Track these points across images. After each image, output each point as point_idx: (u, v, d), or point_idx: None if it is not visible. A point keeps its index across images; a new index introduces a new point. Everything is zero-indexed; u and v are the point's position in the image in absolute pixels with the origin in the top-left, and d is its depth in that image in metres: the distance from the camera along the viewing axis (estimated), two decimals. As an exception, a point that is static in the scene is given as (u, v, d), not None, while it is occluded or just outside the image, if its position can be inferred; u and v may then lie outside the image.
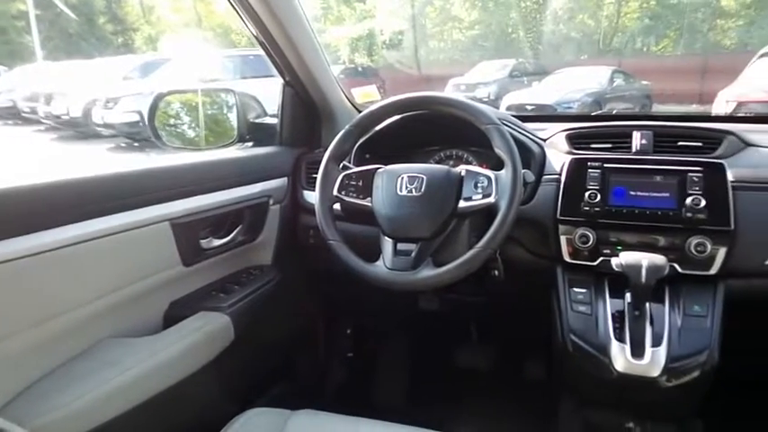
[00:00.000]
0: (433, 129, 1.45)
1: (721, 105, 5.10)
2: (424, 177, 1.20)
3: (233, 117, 1.63)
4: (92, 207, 1.01)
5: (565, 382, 1.37)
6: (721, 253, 1.15)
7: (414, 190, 1.20)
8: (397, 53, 13.48)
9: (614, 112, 6.76)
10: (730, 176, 1.19)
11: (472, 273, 1.15)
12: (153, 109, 1.55)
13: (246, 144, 1.64)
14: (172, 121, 1.71)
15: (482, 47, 15.16)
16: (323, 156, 1.31)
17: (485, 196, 1.15)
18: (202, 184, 1.28)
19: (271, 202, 1.51)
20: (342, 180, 1.28)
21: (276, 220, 1.55)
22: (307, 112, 1.66)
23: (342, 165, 1.33)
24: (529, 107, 8.27)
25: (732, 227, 1.15)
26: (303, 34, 1.45)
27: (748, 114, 4.26)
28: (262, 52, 1.52)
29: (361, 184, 1.27)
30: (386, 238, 1.22)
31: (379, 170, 1.27)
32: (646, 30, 14.37)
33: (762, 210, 1.17)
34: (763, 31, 11.56)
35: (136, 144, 7.78)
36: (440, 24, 16.34)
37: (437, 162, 1.54)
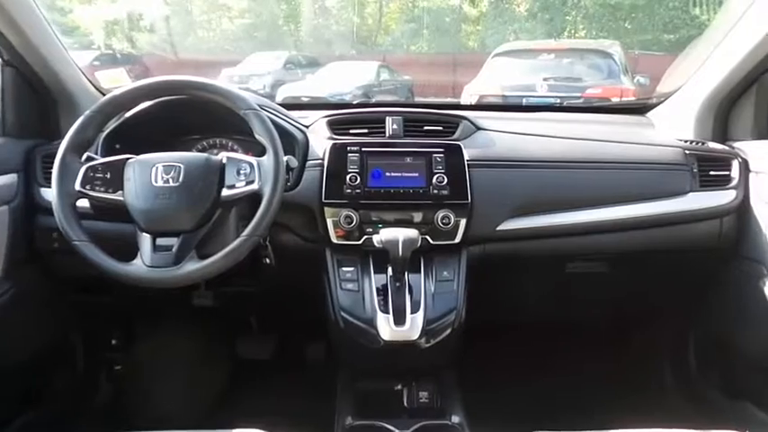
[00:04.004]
0: (194, 116, 1.38)
1: (467, 98, 5.85)
2: (182, 166, 1.14)
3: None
4: None
5: (340, 357, 1.44)
6: (462, 224, 1.31)
7: (171, 180, 1.13)
8: (160, 40, 12.45)
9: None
10: (466, 156, 1.36)
11: (243, 262, 1.13)
12: None
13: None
14: None
15: (254, 37, 14.92)
16: None
17: (248, 183, 1.13)
18: None
19: None
20: (85, 173, 1.14)
21: (5, 224, 1.31)
22: (38, 98, 1.44)
23: (86, 156, 1.19)
24: (304, 99, 8.39)
25: (469, 200, 1.31)
26: (20, 4, 1.25)
27: (479, 103, 5.01)
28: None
29: (109, 176, 1.15)
30: (143, 233, 1.13)
31: (131, 160, 1.17)
32: (405, 29, 15.74)
33: (491, 184, 1.36)
34: (498, 35, 13.52)
35: None
36: (207, 12, 15.63)
37: (200, 151, 1.47)
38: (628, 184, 1.41)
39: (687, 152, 1.44)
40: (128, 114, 1.30)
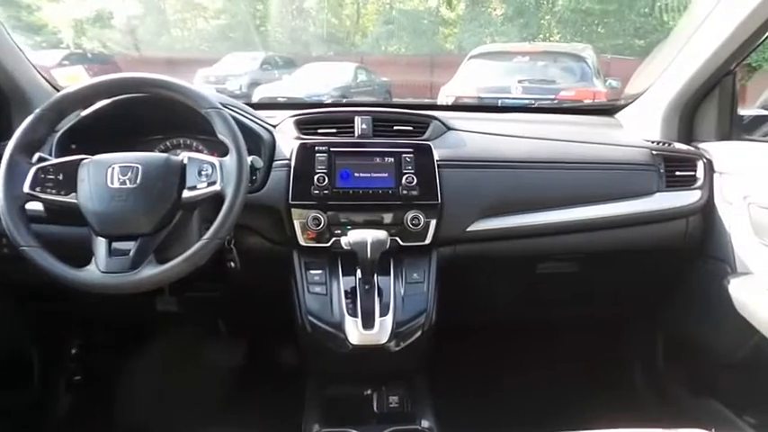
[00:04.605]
0: (157, 116, 1.34)
1: (443, 99, 5.87)
2: (140, 167, 1.10)
3: None
4: None
5: (308, 362, 1.41)
6: (432, 224, 1.30)
7: (128, 181, 1.08)
8: (133, 39, 12.21)
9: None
10: (436, 156, 1.35)
11: (206, 266, 1.09)
12: None
13: None
14: None
15: (230, 38, 14.74)
16: None
17: (210, 184, 1.10)
18: None
19: None
20: (35, 174, 1.09)
21: None
22: None
23: (37, 157, 1.14)
24: (281, 100, 8.31)
25: (439, 201, 1.30)
26: None
27: (454, 104, 5.01)
28: None
29: (61, 177, 1.10)
30: (98, 237, 1.08)
31: (85, 161, 1.12)
32: (383, 31, 15.76)
33: (461, 185, 1.35)
34: (474, 38, 13.62)
35: None
36: (181, 11, 15.40)
37: (162, 151, 1.43)
38: (596, 184, 1.42)
39: (654, 153, 1.45)
40: (85, 113, 1.26)
